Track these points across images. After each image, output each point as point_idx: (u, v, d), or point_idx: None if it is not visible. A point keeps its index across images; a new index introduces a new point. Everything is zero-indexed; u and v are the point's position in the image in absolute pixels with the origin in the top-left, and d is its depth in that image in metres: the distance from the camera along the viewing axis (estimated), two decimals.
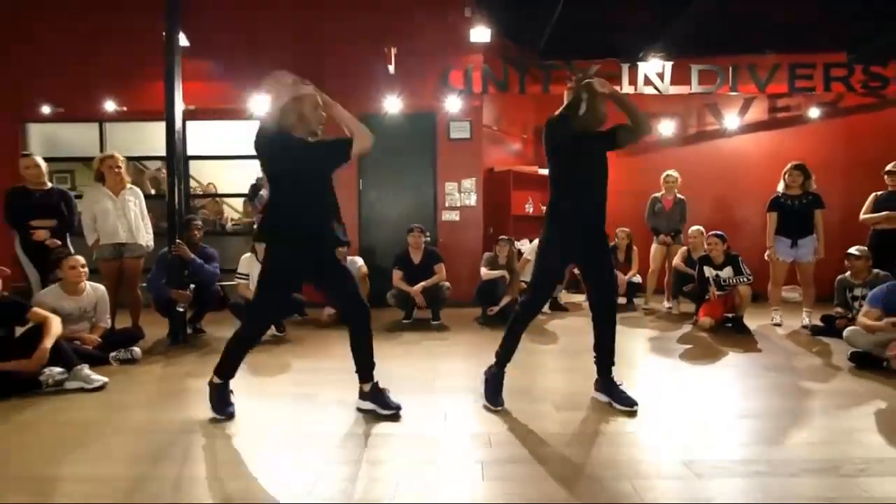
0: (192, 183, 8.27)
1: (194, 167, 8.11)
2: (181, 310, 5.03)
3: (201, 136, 7.46)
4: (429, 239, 6.88)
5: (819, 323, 5.33)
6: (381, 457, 2.61)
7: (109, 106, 7.13)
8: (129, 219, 5.09)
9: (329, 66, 6.93)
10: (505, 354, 3.37)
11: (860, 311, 4.48)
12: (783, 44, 6.96)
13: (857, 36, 6.71)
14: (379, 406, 3.13)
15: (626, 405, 3.14)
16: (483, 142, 7.30)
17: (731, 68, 7.03)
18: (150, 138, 6.79)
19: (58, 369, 3.64)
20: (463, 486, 2.32)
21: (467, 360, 4.44)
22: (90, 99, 7.10)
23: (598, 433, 2.85)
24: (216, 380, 3.15)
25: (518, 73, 7.17)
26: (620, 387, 3.25)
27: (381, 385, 3.19)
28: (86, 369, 3.73)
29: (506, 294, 6.04)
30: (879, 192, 5.62)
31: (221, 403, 3.13)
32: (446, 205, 7.23)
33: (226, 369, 3.15)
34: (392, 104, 7.01)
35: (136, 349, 4.48)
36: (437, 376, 3.97)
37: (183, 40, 6.61)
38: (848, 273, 5.18)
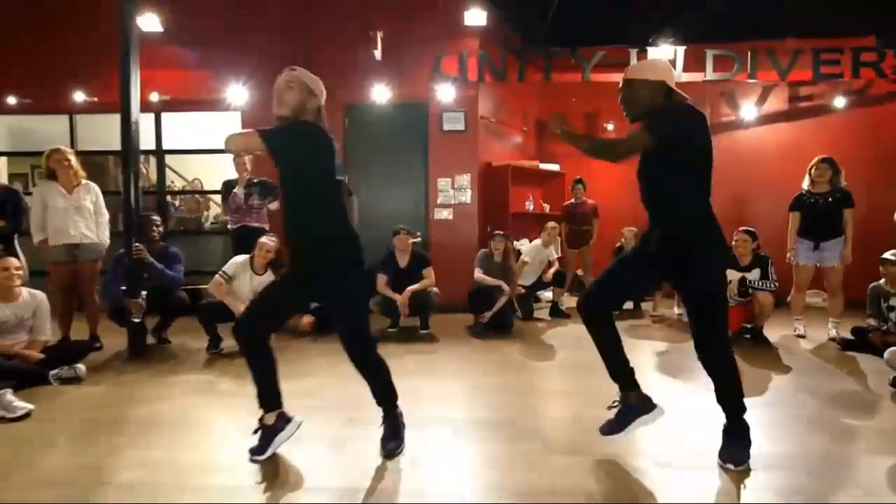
0: (176, 179, 7.86)
1: (179, 162, 7.69)
2: (137, 320, 4.53)
3: (182, 129, 6.99)
4: (419, 239, 6.39)
5: (849, 336, 4.74)
6: None
7: (79, 97, 6.64)
8: (84, 217, 4.65)
9: (312, 53, 6.45)
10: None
11: None
12: (806, 28, 6.34)
13: (889, 18, 6.09)
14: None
15: (730, 460, 2.43)
16: (479, 134, 6.77)
17: (749, 53, 6.41)
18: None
19: None
20: None
21: (454, 380, 3.93)
22: (58, 89, 6.61)
23: (599, 484, 2.30)
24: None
25: (517, 60, 6.60)
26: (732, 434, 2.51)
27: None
28: (8, 395, 3.24)
29: (499, 298, 5.50)
30: None
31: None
32: (439, 202, 6.71)
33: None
34: (380, 93, 6.47)
35: (81, 366, 3.97)
36: (415, 402, 3.37)
37: (156, 25, 6.22)
38: (882, 280, 4.60)
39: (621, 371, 2.59)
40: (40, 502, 2.25)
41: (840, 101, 7.05)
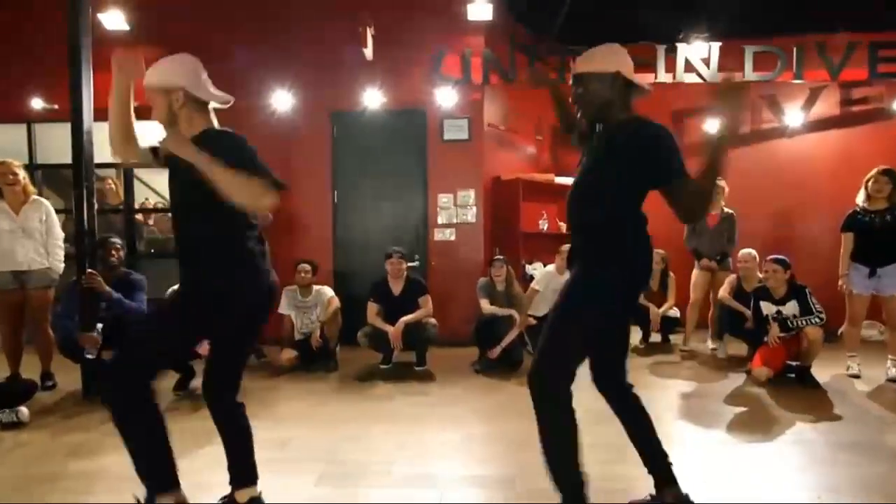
0: (151, 196, 7.82)
1: (153, 177, 7.64)
2: (91, 356, 4.42)
3: (154, 139, 6.90)
4: (416, 264, 6.27)
5: None
6: None
7: (38, 104, 6.63)
8: (34, 239, 4.59)
9: (296, 52, 6.41)
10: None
11: None
12: (861, 19, 6.16)
13: None
14: None
15: None
16: (485, 144, 6.65)
17: (794, 50, 6.23)
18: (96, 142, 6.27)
19: None
20: None
21: (449, 428, 3.74)
22: (14, 95, 6.59)
23: None
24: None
25: (528, 60, 6.48)
26: None
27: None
28: None
29: (509, 330, 5.33)
30: None
31: None
32: (439, 221, 6.57)
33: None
34: (372, 98, 6.38)
35: (24, 409, 3.88)
36: (400, 455, 3.25)
37: (122, 23, 6.19)
38: None
39: (653, 463, 2.42)
40: None
41: None
